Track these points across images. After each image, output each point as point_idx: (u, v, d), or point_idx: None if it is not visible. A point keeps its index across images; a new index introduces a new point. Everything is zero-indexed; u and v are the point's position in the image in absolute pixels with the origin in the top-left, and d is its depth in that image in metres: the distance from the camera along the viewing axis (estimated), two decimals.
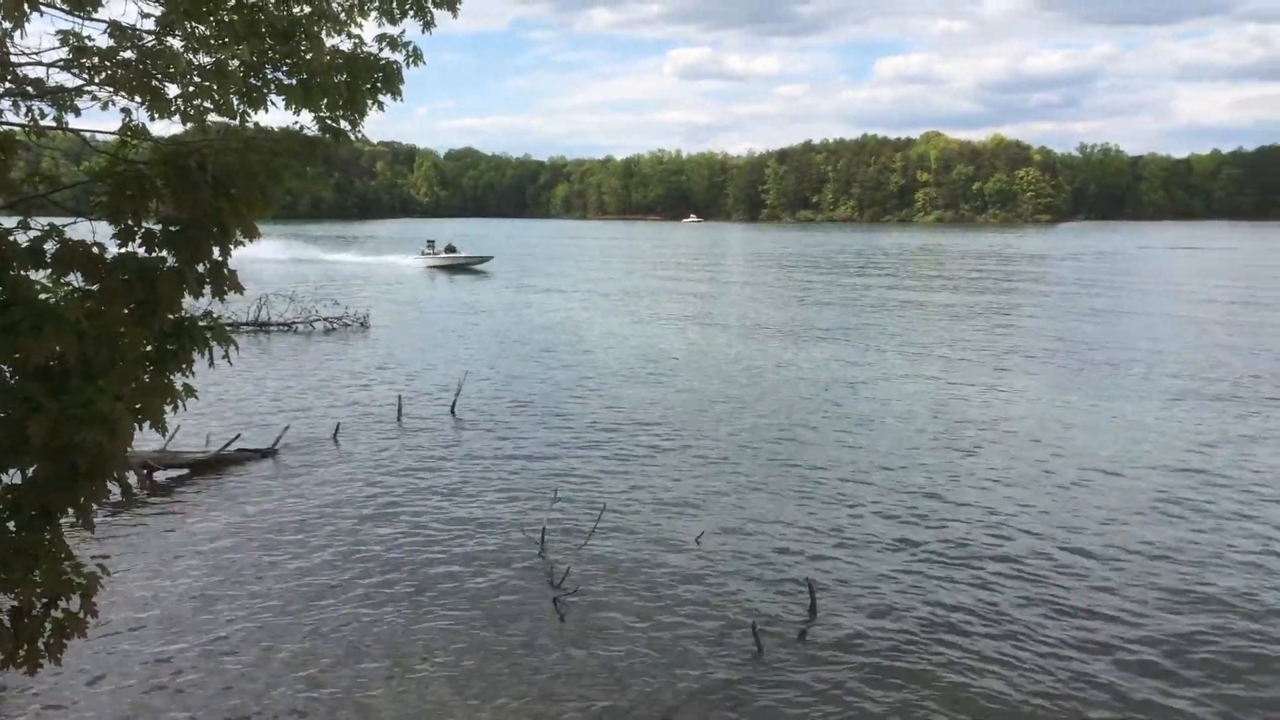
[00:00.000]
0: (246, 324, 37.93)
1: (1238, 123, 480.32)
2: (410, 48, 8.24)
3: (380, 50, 7.98)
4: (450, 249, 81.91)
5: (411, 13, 8.92)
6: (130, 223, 6.12)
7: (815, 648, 11.33)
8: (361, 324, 40.29)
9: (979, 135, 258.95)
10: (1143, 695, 10.28)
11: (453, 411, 23.72)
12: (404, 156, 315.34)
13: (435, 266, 79.48)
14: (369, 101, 8.19)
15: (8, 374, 5.63)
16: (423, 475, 18.49)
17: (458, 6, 9.20)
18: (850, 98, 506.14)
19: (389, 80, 7.88)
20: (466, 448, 20.57)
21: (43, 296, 5.61)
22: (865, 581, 13.29)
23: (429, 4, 9.00)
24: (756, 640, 11.23)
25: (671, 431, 21.97)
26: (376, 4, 8.98)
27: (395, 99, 9.24)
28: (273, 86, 7.23)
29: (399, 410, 23.45)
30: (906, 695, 10.30)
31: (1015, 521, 15.74)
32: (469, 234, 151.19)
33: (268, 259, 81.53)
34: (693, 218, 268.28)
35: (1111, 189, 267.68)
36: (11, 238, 5.67)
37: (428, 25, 8.88)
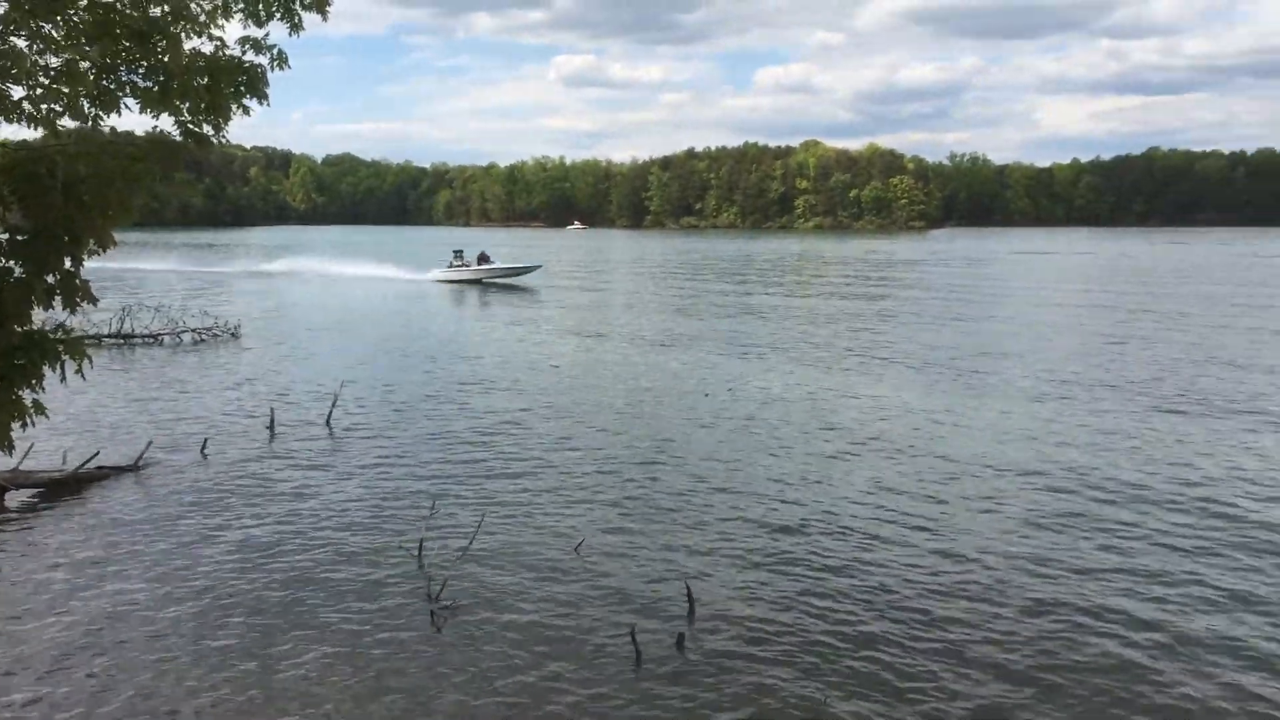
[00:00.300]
0: (109, 336, 36.27)
1: (1094, 133, 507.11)
2: (275, 51, 8.04)
3: (243, 52, 7.76)
4: (484, 258, 71.08)
5: (278, 14, 8.69)
6: None
7: (693, 651, 11.45)
8: (233, 334, 38.95)
9: (855, 144, 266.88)
10: (991, 694, 10.72)
11: (328, 423, 23.14)
12: (279, 162, 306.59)
13: (464, 281, 69.54)
14: (233, 105, 7.95)
15: None
16: (296, 489, 18.00)
17: (327, 9, 9.00)
18: (732, 106, 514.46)
19: (253, 83, 7.66)
20: (342, 460, 20.11)
21: None
22: (743, 583, 13.50)
23: (296, 6, 8.78)
24: (635, 646, 11.29)
25: (553, 439, 21.92)
26: (241, 5, 8.72)
27: (262, 103, 8.98)
28: (127, 89, 6.96)
29: (271, 423, 22.74)
30: (784, 694, 10.51)
31: (888, 521, 16.22)
32: (349, 242, 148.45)
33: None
34: (577, 224, 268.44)
35: (980, 196, 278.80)
36: None
37: (295, 28, 8.66)
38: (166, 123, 7.08)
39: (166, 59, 6.90)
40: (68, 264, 6.16)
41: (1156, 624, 12.21)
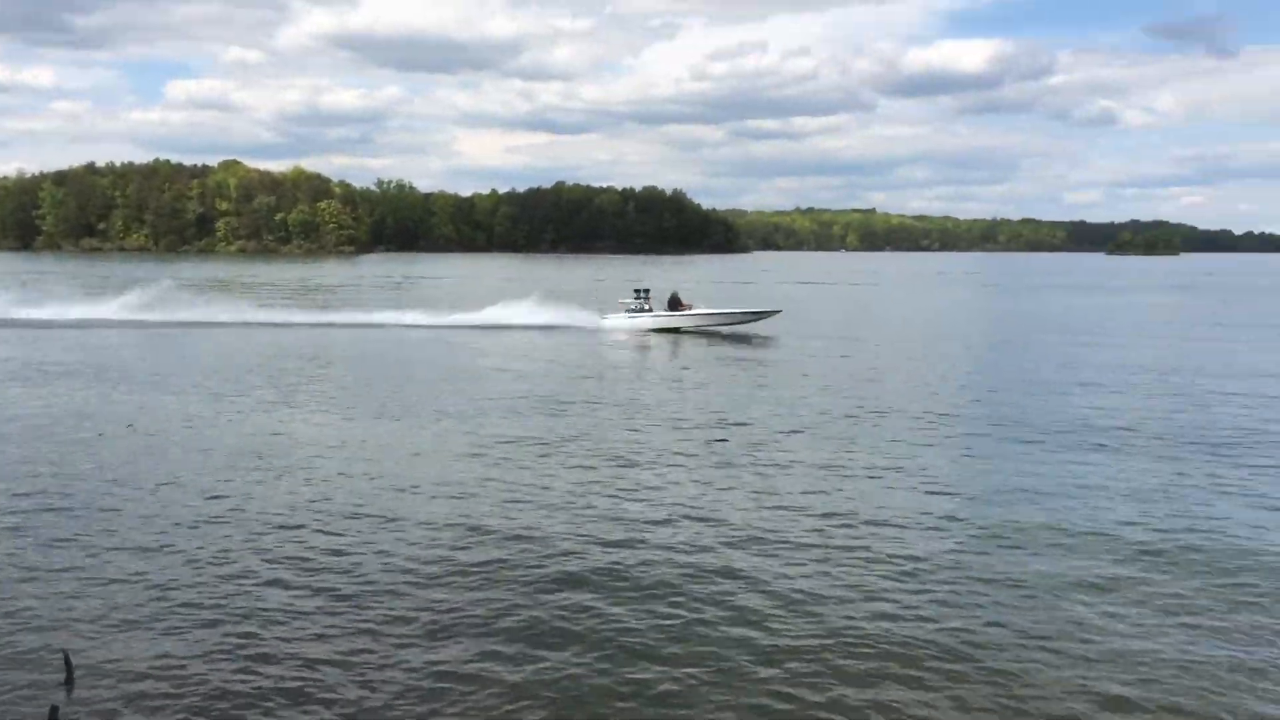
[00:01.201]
0: None
1: (511, 165, 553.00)
2: None
3: None
4: (676, 302, 52.61)
5: None
6: None
7: None
8: None
9: (280, 166, 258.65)
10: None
11: None
12: None
13: (652, 330, 51.67)
14: None
15: None
16: None
17: None
18: (140, 119, 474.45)
19: None
20: None
21: None
22: (137, 642, 11.80)
23: None
24: None
25: None
26: None
27: None
28: None
29: None
30: None
31: (331, 554, 15.44)
32: None
33: None
34: None
35: (407, 222, 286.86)
36: None
37: None
38: None
39: None
40: None
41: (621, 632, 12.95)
